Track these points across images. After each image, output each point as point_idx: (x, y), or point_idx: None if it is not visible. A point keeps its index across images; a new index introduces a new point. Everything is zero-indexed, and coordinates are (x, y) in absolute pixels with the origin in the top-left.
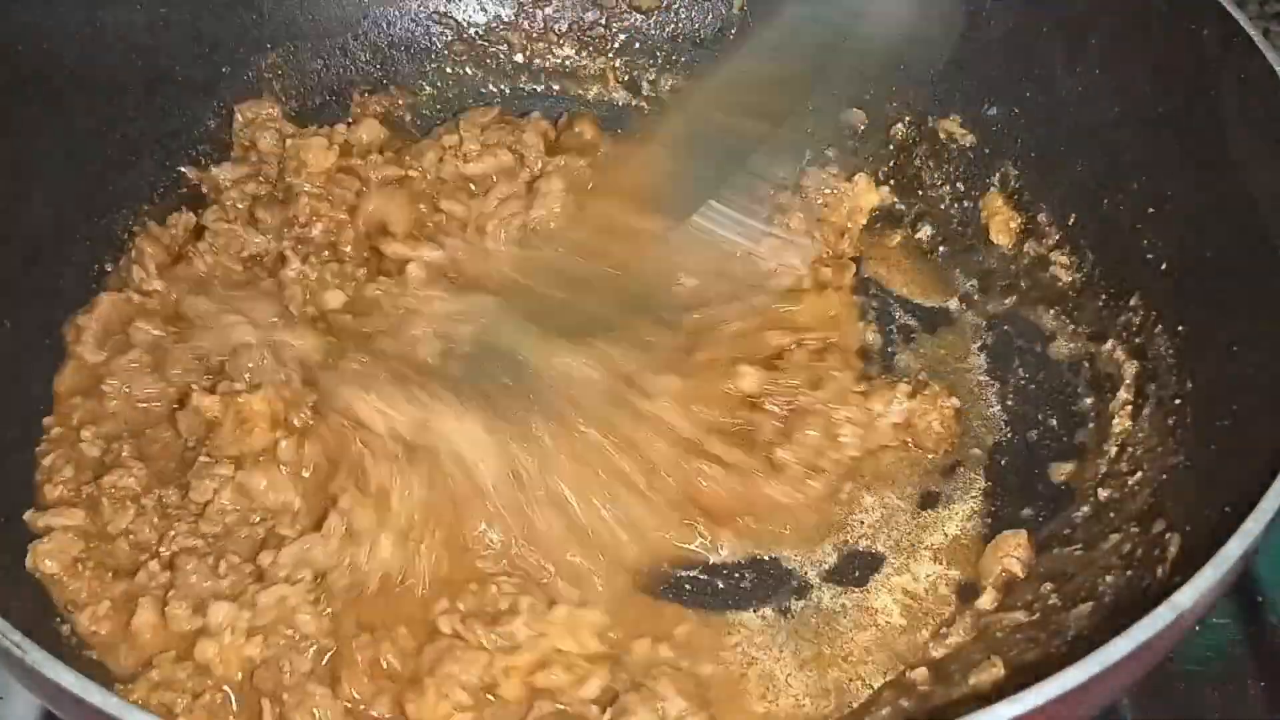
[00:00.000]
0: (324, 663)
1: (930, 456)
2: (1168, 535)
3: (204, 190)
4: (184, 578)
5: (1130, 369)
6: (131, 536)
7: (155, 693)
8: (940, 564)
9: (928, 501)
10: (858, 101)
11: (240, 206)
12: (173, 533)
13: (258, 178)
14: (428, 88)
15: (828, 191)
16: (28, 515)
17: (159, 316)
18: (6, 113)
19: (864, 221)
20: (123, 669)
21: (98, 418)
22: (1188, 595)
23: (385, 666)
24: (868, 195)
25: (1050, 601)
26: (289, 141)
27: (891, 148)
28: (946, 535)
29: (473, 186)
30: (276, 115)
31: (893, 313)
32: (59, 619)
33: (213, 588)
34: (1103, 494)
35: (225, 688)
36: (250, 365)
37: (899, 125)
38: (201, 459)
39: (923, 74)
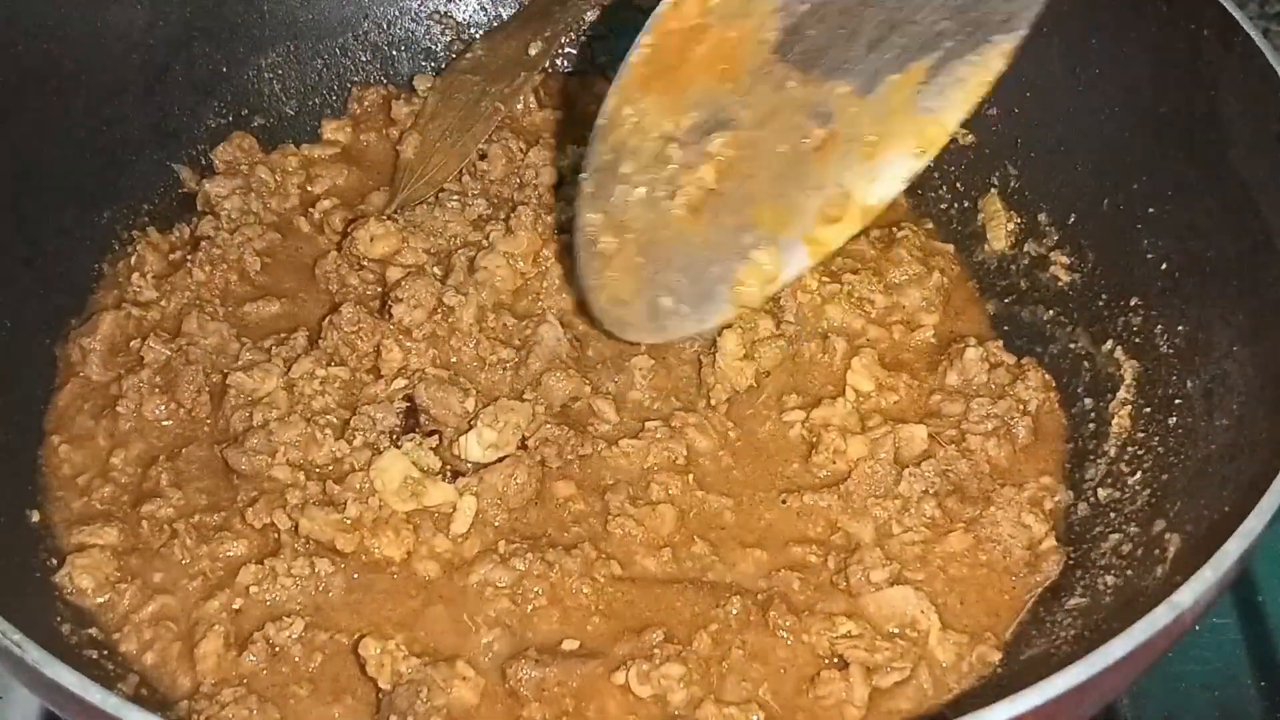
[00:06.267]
0: None
1: None
2: (1167, 535)
3: (198, 206)
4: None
5: (1130, 369)
6: (166, 558)
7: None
8: None
9: None
10: None
11: (235, 218)
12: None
13: (249, 192)
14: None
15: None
16: (70, 536)
17: (162, 330)
18: (6, 113)
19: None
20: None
21: (123, 440)
22: (1187, 595)
23: None
24: None
25: None
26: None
27: None
28: None
29: None
30: (250, 146)
31: None
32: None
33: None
34: (1102, 494)
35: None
36: None
37: None
38: None
39: None
